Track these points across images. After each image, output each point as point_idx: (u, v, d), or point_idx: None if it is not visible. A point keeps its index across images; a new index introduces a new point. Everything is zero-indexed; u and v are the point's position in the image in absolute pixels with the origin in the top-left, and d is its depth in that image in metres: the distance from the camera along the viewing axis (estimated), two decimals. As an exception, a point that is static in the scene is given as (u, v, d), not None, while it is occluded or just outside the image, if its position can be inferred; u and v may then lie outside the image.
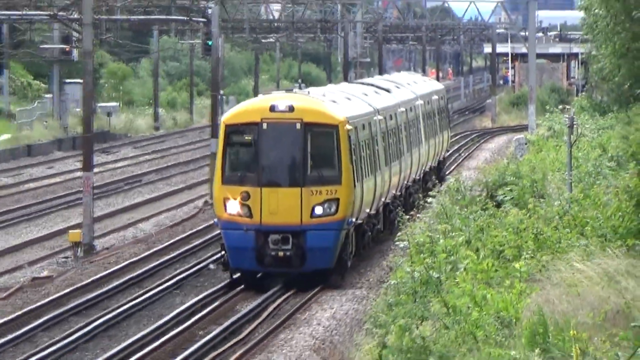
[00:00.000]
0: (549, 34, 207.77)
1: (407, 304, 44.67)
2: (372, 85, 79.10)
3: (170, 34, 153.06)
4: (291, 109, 48.58)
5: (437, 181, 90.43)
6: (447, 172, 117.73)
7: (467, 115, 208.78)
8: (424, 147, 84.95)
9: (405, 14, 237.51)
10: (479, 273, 45.20)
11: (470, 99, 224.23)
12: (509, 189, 73.56)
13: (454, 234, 55.14)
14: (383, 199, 65.69)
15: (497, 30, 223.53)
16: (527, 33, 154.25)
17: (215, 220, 51.45)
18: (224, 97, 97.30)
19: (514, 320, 37.78)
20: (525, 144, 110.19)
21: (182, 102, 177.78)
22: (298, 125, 48.29)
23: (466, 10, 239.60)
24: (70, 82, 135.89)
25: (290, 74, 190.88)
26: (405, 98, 79.21)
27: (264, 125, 48.20)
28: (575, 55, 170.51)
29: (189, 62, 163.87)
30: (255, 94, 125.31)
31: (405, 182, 76.44)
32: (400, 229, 60.74)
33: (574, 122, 72.39)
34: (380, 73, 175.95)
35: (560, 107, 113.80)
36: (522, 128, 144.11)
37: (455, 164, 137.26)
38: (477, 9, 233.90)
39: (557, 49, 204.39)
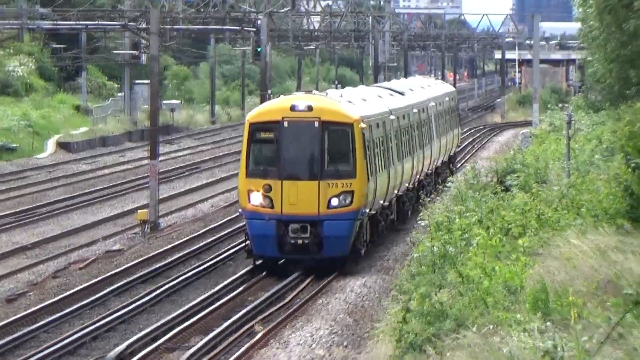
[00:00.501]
0: (550, 42, 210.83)
1: (427, 274, 45.57)
2: (389, 88, 77.28)
3: (225, 41, 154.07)
4: (310, 108, 47.62)
5: (449, 174, 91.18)
6: (462, 162, 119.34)
7: (480, 112, 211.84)
8: (436, 144, 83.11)
9: (427, 25, 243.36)
10: (488, 248, 45.44)
11: (482, 98, 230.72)
12: (516, 175, 73.03)
13: (467, 214, 55.83)
14: (396, 192, 64.27)
15: (506, 39, 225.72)
16: (532, 42, 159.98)
17: (240, 210, 50.54)
18: (271, 95, 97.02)
19: (519, 288, 38.21)
20: (530, 137, 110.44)
21: (235, 100, 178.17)
22: (316, 124, 47.26)
23: (479, 21, 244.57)
24: (139, 83, 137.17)
25: (328, 76, 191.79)
26: (418, 100, 77.57)
27: (285, 124, 47.19)
28: (573, 61, 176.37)
29: (240, 66, 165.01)
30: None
31: (418, 176, 74.88)
32: (421, 210, 59.01)
33: (572, 119, 73.80)
34: (406, 76, 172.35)
35: (560, 105, 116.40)
36: (527, 123, 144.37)
37: (470, 154, 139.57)
38: (489, 20, 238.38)
39: (558, 55, 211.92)
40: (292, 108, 47.35)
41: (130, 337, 44.96)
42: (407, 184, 67.88)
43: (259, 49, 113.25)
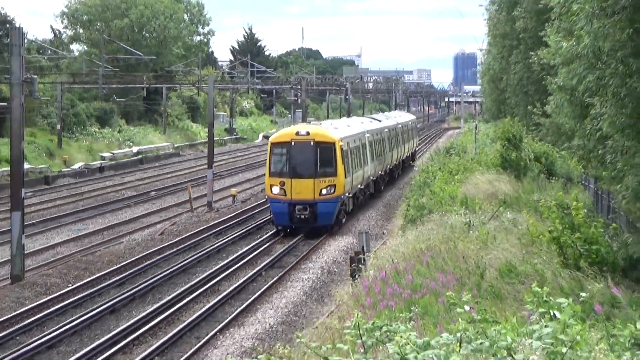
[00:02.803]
0: (468, 93, 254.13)
1: (416, 191, 63.29)
2: (372, 117, 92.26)
3: (333, 93, 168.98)
4: (308, 133, 56.14)
5: (411, 162, 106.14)
6: (428, 146, 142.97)
7: (437, 123, 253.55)
8: (401, 148, 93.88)
9: (417, 86, 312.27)
10: (443, 179, 61.46)
11: (439, 117, 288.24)
12: (453, 149, 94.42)
13: (434, 165, 75.55)
14: (372, 178, 72.98)
15: (450, 93, 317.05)
16: (460, 93, 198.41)
17: (267, 197, 57.78)
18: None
19: (455, 196, 53.23)
20: (459, 133, 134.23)
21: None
22: (312, 143, 55.63)
23: (439, 85, 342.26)
24: (297, 110, 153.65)
25: (375, 108, 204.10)
26: (389, 124, 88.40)
27: (293, 143, 55.79)
28: (478, 101, 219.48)
29: (338, 104, 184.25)
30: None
31: (389, 166, 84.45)
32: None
33: (476, 126, 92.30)
34: (408, 110, 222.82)
35: (472, 120, 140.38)
36: (458, 128, 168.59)
37: (433, 141, 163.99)
38: (443, 85, 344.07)
39: (471, 99, 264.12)
40: (297, 133, 56.22)
41: (229, 256, 51.37)
42: (380, 172, 77.64)
43: (347, 97, 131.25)
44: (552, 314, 11.38)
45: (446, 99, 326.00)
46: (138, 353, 33.53)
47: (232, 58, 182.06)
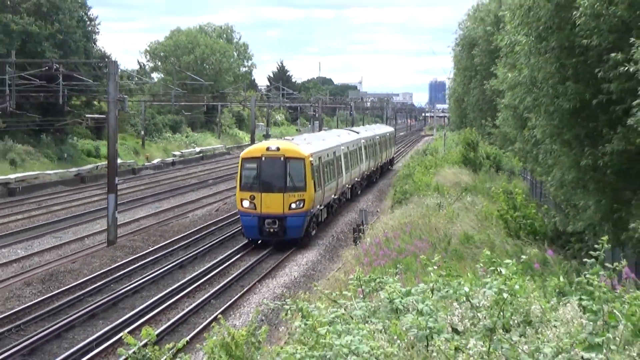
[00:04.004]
0: (439, 109, 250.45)
1: (401, 180, 63.62)
2: (352, 130, 76.86)
3: (341, 109, 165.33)
4: (278, 149, 44.75)
5: (389, 167, 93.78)
6: (406, 151, 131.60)
7: (417, 132, 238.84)
8: (378, 156, 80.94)
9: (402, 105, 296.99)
10: (420, 171, 61.67)
11: (418, 127, 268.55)
12: (428, 150, 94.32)
13: (412, 163, 75.41)
14: (348, 186, 60.46)
15: (426, 109, 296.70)
16: (433, 110, 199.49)
17: (237, 210, 46.48)
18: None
19: (430, 184, 52.87)
20: (432, 139, 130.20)
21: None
22: (282, 158, 44.40)
23: (418, 104, 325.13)
24: (315, 120, 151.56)
25: (371, 121, 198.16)
26: (367, 135, 74.95)
27: (263, 158, 44.43)
28: (446, 116, 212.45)
29: (345, 117, 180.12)
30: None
31: (366, 173, 71.35)
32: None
33: (445, 133, 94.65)
34: (396, 122, 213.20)
35: (441, 130, 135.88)
36: (432, 135, 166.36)
37: (415, 144, 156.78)
38: (421, 104, 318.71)
39: (441, 114, 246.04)
40: (268, 149, 44.93)
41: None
42: (357, 179, 65.21)
43: (351, 113, 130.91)
44: (499, 270, 11.32)
45: (423, 114, 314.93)
46: (199, 297, 33.86)
47: (268, 84, 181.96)
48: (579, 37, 23.44)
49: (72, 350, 25.70)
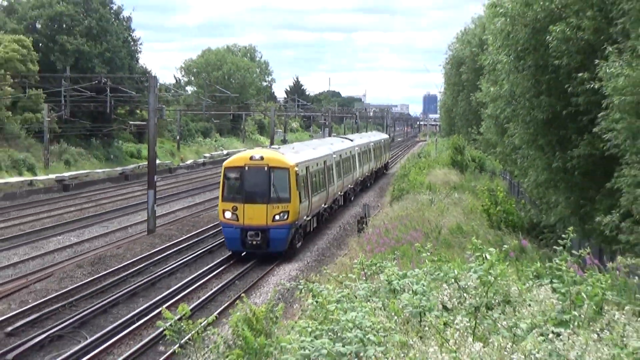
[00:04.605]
0: (431, 118, 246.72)
1: (399, 179, 61.02)
2: (345, 137, 67.55)
3: (348, 119, 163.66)
4: (262, 158, 37.13)
5: (384, 172, 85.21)
6: (402, 154, 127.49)
7: (412, 138, 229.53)
8: (373, 162, 71.88)
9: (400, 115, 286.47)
10: (415, 172, 59.47)
11: (413, 134, 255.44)
12: (422, 154, 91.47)
13: (408, 164, 73.37)
14: (340, 193, 52.53)
15: (421, 118, 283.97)
16: (426, 119, 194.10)
17: (220, 221, 38.43)
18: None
19: (423, 182, 51.71)
20: (426, 144, 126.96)
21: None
22: (266, 168, 36.90)
23: (414, 114, 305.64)
24: (326, 129, 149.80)
25: (373, 128, 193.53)
26: (361, 142, 65.71)
27: (246, 168, 37.01)
28: (438, 124, 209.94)
29: (351, 125, 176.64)
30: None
31: (360, 179, 62.92)
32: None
33: (436, 139, 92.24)
34: (394, 129, 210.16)
35: (433, 136, 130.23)
36: (425, 140, 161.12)
37: (411, 148, 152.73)
38: (417, 114, 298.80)
39: (433, 122, 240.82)
40: (251, 158, 37.37)
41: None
42: (350, 186, 56.80)
43: (357, 121, 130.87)
44: (484, 256, 11.32)
45: (418, 123, 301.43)
46: (225, 278, 33.81)
47: (286, 96, 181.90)
48: (552, 58, 23.68)
49: (116, 323, 25.84)
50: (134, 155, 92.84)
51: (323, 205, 45.41)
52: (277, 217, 36.58)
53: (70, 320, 25.93)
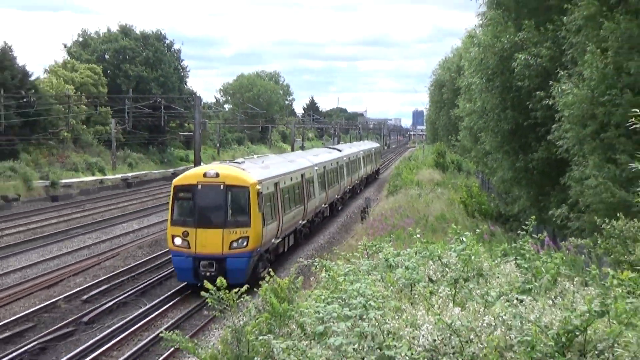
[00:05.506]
0: (419, 129, 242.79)
1: (394, 178, 58.99)
2: (334, 148, 56.06)
3: (353, 129, 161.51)
4: (217, 175, 25.79)
5: (375, 177, 74.15)
6: (392, 161, 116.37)
7: (404, 145, 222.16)
8: (363, 169, 60.82)
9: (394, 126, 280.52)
10: (406, 174, 58.08)
11: (404, 142, 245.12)
12: (412, 157, 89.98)
13: (401, 167, 71.34)
14: (324, 205, 41.08)
15: (411, 129, 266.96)
16: (415, 130, 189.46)
17: (169, 249, 26.53)
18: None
19: (413, 180, 50.75)
20: (414, 149, 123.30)
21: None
22: (222, 187, 25.55)
23: (405, 126, 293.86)
24: (335, 137, 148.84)
25: (373, 138, 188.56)
26: (350, 152, 54.64)
27: (199, 186, 25.65)
28: (424, 134, 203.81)
29: (355, 135, 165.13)
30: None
31: (348, 187, 51.83)
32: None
33: (423, 146, 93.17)
34: (389, 138, 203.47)
35: (421, 143, 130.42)
36: (414, 147, 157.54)
37: (402, 153, 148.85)
38: (408, 125, 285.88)
39: (421, 132, 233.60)
40: (205, 175, 26.08)
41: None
42: (337, 196, 46.03)
43: (359, 132, 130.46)
44: (461, 239, 11.32)
45: (408, 133, 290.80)
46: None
47: (303, 112, 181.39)
48: (516, 80, 23.75)
49: (169, 292, 25.80)
50: (183, 159, 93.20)
51: (301, 222, 34.02)
52: (234, 244, 25.24)
53: (133, 290, 25.91)
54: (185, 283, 25.72)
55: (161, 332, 12.08)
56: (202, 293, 11.90)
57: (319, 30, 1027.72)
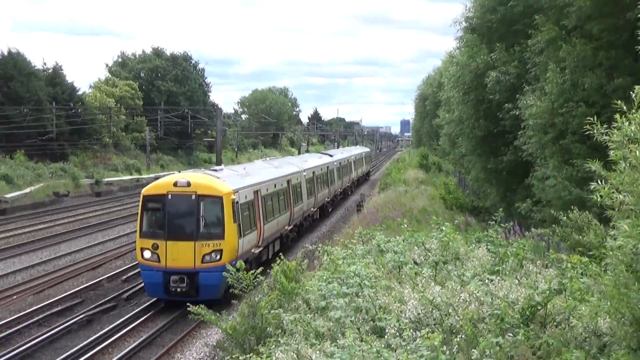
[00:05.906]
0: (406, 135, 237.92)
1: (386, 176, 56.72)
2: (325, 153, 49.41)
3: (349, 136, 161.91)
4: (188, 184, 20.07)
5: (367, 178, 67.93)
6: (382, 163, 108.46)
7: (393, 149, 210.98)
8: (354, 173, 54.77)
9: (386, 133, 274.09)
10: (396, 173, 55.41)
11: (393, 146, 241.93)
12: (400, 159, 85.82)
13: (391, 168, 68.45)
14: (313, 209, 35.75)
15: (399, 136, 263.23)
16: (402, 137, 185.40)
17: (138, 262, 20.85)
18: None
19: (401, 179, 47.97)
20: (402, 153, 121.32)
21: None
22: (193, 197, 19.91)
23: (395, 133, 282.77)
24: (335, 142, 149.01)
25: (366, 143, 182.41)
26: (341, 157, 49.12)
27: (169, 196, 19.99)
28: (410, 139, 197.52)
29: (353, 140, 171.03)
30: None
31: (340, 190, 46.31)
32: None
33: (409, 150, 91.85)
34: (381, 144, 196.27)
35: (408, 147, 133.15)
36: (402, 150, 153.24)
37: (392, 156, 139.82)
38: (397, 133, 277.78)
39: (407, 139, 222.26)
40: (175, 184, 20.28)
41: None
42: (327, 199, 40.34)
43: (355, 138, 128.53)
44: (441, 228, 11.34)
45: (397, 139, 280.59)
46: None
47: (308, 121, 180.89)
48: (488, 94, 23.81)
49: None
50: (207, 161, 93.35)
51: (287, 227, 29.10)
52: (207, 258, 20.09)
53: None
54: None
55: (187, 306, 11.97)
56: (224, 274, 12.00)
57: (322, 51, 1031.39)
